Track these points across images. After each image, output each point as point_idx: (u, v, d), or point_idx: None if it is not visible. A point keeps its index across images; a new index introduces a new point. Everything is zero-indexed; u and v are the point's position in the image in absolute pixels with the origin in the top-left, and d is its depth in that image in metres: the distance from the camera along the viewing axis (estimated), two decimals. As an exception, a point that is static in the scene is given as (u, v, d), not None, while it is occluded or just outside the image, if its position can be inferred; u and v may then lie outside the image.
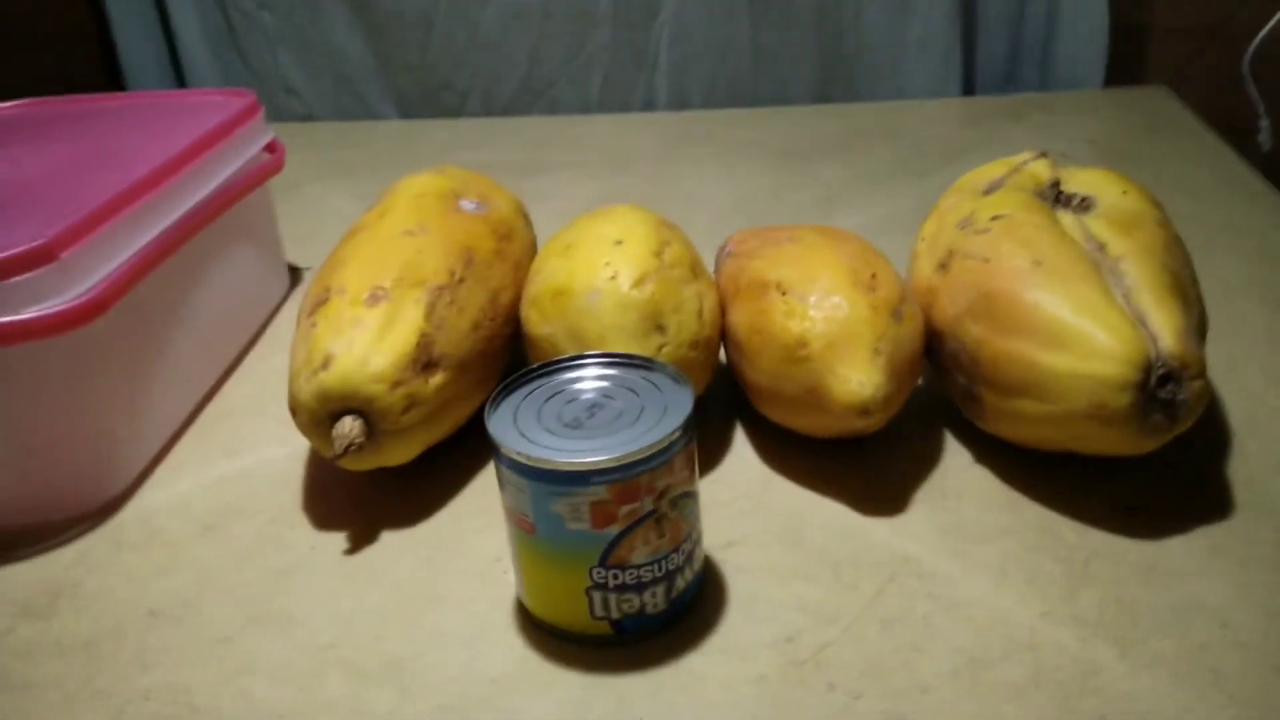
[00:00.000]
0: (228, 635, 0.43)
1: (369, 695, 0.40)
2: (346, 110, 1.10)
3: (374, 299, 0.49)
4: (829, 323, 0.46)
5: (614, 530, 0.38)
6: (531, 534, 0.39)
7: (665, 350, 0.48)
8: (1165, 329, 0.43)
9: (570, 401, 0.41)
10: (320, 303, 0.49)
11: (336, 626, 0.43)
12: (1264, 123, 0.92)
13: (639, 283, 0.48)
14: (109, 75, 1.14)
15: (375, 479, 0.50)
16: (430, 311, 0.49)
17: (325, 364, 0.47)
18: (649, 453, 0.37)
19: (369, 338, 0.47)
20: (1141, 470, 0.47)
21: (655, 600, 0.40)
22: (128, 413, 0.53)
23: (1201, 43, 1.02)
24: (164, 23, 1.11)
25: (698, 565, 0.42)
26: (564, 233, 0.54)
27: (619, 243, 0.50)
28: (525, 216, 0.62)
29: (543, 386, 0.42)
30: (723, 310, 0.52)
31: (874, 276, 0.48)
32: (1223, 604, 0.40)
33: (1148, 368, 0.42)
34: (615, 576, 0.39)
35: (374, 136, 1.04)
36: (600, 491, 0.37)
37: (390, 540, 0.48)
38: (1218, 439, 0.49)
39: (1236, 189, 0.75)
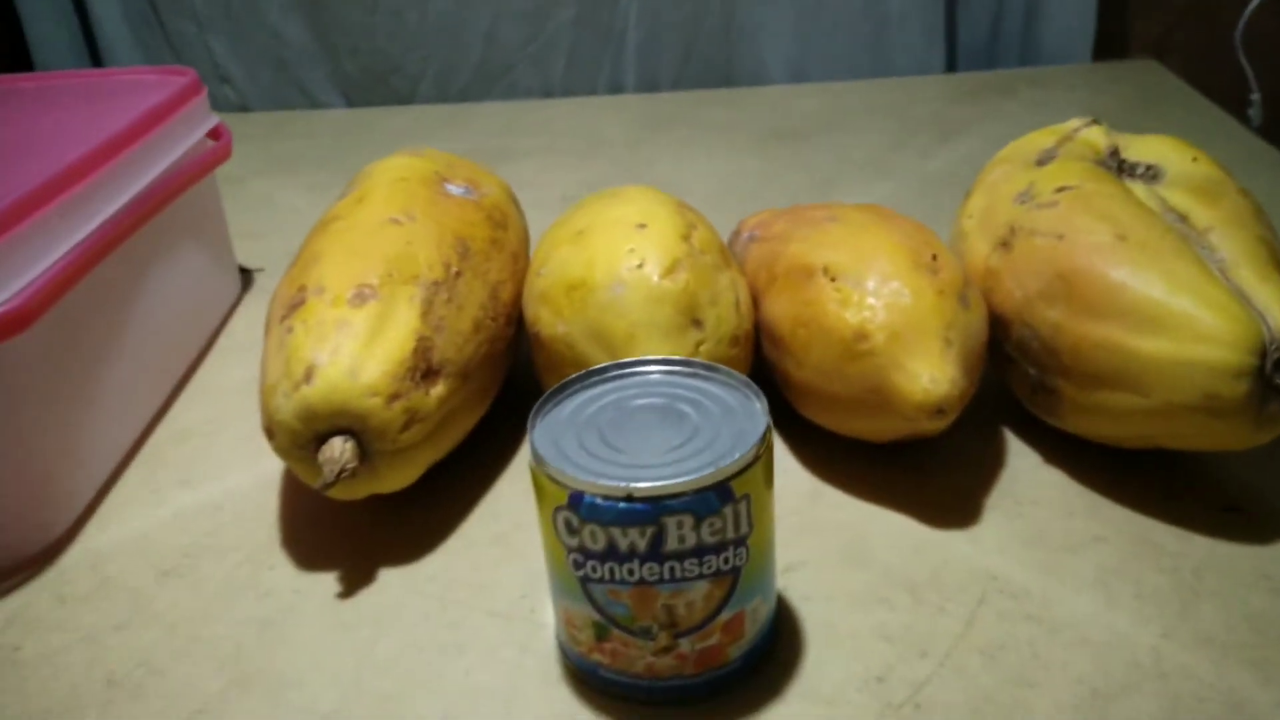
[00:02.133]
0: (203, 706, 0.36)
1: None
2: (286, 99, 1.02)
3: (359, 298, 0.42)
4: (891, 311, 0.40)
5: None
6: None
7: (704, 348, 0.42)
8: (1275, 306, 0.38)
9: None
10: (295, 305, 0.42)
11: (339, 688, 0.36)
12: (1255, 96, 0.90)
13: (670, 271, 0.42)
14: (11, 59, 1.04)
15: (366, 507, 0.43)
16: (427, 310, 0.42)
17: (308, 376, 0.40)
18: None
19: (357, 344, 0.40)
20: (1230, 463, 0.43)
21: (726, 643, 0.34)
22: (63, 441, 0.45)
23: (1179, 16, 0.99)
24: (77, 1, 1.01)
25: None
26: (571, 217, 0.48)
27: (641, 226, 0.44)
28: (516, 202, 0.55)
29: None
30: (754, 302, 0.46)
31: (935, 258, 0.42)
32: (1359, 615, 0.36)
33: (1263, 351, 0.37)
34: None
35: (318, 127, 0.95)
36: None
37: (391, 579, 0.41)
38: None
39: (1256, 163, 0.72)
